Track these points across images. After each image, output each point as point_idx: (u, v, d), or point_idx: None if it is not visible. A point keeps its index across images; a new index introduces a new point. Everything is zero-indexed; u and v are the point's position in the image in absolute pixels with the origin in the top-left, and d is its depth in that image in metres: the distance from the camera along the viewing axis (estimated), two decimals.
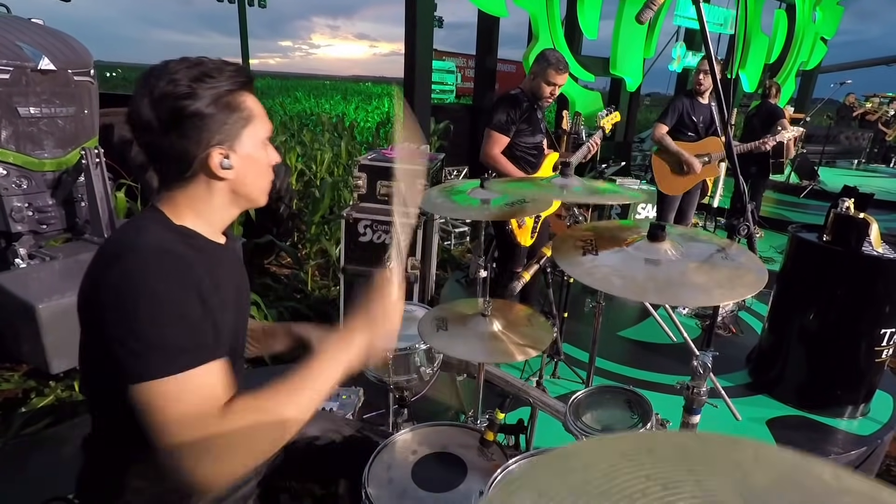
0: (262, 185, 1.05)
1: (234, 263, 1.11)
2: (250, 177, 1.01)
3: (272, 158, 1.05)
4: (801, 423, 2.52)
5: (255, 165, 1.01)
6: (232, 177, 0.97)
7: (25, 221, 2.61)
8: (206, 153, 0.93)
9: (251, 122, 0.98)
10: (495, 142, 2.74)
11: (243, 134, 0.97)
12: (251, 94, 0.99)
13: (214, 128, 0.93)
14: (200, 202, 0.99)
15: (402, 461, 1.24)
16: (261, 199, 1.06)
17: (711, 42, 1.58)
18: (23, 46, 2.50)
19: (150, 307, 0.84)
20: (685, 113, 3.64)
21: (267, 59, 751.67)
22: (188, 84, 0.90)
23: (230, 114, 0.94)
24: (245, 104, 0.97)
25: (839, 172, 10.11)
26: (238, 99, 0.95)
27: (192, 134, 0.92)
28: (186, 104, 0.90)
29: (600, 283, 1.10)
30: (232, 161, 0.96)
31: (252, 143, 0.99)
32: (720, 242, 1.25)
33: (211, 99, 0.91)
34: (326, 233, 4.73)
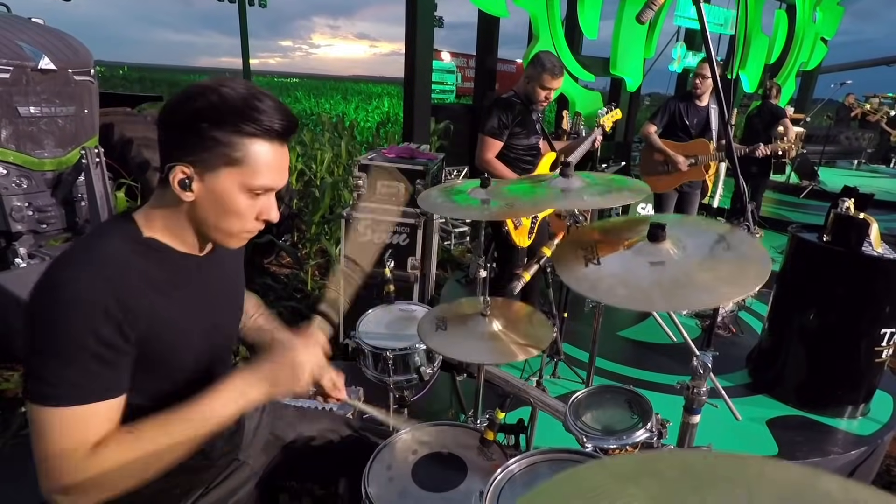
0: (226, 228, 0.97)
1: (216, 269, 1.07)
2: (211, 212, 0.94)
3: (256, 210, 0.97)
4: (801, 423, 2.52)
5: (221, 205, 0.94)
6: (189, 199, 0.93)
7: (25, 221, 2.61)
8: (174, 164, 0.90)
9: (240, 165, 0.91)
10: (489, 147, 2.75)
11: (222, 171, 0.91)
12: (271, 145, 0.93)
13: (194, 147, 0.89)
14: (168, 215, 0.97)
15: (403, 461, 1.24)
16: (224, 240, 0.99)
17: (711, 42, 1.58)
18: (23, 46, 2.50)
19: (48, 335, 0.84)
20: (677, 115, 3.68)
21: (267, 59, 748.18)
22: (206, 99, 0.88)
23: (219, 146, 0.89)
24: (246, 147, 0.91)
25: (839, 172, 10.11)
26: (240, 140, 0.90)
27: (173, 142, 0.91)
28: (187, 114, 0.89)
29: (605, 295, 1.09)
30: (194, 186, 0.92)
31: (229, 183, 0.92)
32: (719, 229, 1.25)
33: (211, 123, 0.88)
34: (326, 233, 4.73)
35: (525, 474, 1.10)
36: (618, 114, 3.13)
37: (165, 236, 0.98)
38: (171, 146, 0.91)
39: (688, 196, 3.92)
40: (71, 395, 0.84)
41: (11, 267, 2.49)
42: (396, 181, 3.00)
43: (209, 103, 0.88)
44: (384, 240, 3.01)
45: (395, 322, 1.90)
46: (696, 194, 3.95)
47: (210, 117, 0.88)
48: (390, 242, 3.01)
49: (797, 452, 2.29)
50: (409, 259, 3.05)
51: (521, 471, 1.10)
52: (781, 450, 2.30)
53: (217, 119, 0.88)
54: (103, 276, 0.87)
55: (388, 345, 1.71)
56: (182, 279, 1.00)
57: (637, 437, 1.27)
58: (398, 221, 3.00)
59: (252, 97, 0.90)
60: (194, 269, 1.02)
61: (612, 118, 3.10)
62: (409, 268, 3.06)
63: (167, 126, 0.92)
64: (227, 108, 0.89)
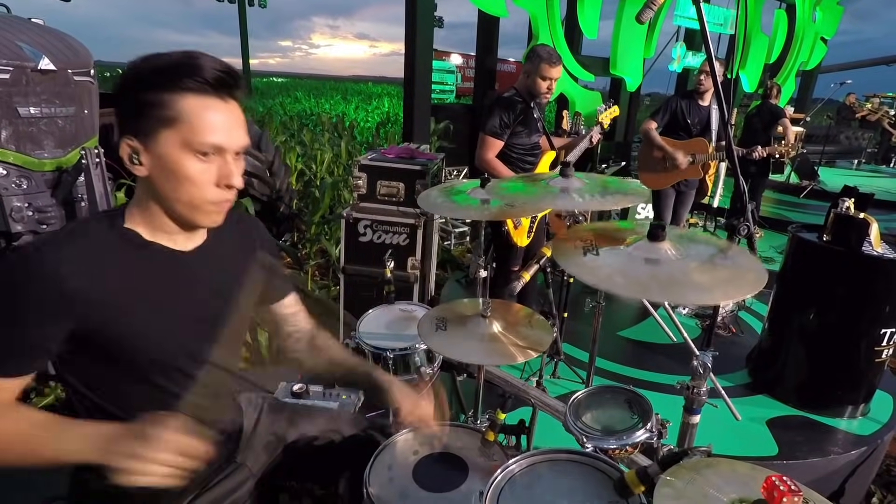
0: (187, 199, 0.93)
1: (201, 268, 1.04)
2: (166, 183, 0.92)
3: (213, 176, 0.93)
4: (801, 422, 2.52)
5: (171, 172, 0.90)
6: (143, 174, 0.92)
7: (25, 221, 2.61)
8: (119, 140, 0.90)
9: (175, 125, 0.88)
10: (489, 146, 2.74)
11: (161, 133, 0.88)
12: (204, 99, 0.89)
13: (131, 118, 0.89)
14: (141, 202, 0.97)
15: (403, 461, 1.24)
16: (187, 213, 0.95)
17: (711, 42, 1.58)
18: (23, 46, 2.50)
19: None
20: (679, 113, 3.66)
21: (267, 59, 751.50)
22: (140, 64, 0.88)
23: (149, 108, 0.87)
24: (175, 105, 0.87)
25: (839, 172, 10.10)
26: (167, 97, 0.87)
27: (117, 115, 0.92)
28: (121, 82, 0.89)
29: (604, 282, 1.09)
30: (142, 158, 0.90)
31: (170, 146, 0.89)
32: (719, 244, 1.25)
33: (140, 87, 0.87)
34: (326, 233, 4.73)
35: (525, 474, 1.10)
36: (616, 110, 3.12)
37: (144, 228, 0.97)
38: (117, 121, 0.92)
39: (683, 196, 3.92)
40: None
41: None
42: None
43: (137, 69, 0.88)
44: None
45: (395, 322, 1.90)
46: (691, 194, 3.95)
47: (138, 81, 0.88)
48: (390, 242, 3.02)
49: (797, 452, 2.29)
50: (409, 259, 3.05)
51: (520, 471, 1.10)
52: (781, 450, 2.30)
53: (145, 81, 0.87)
54: (63, 258, 0.88)
55: (388, 345, 1.71)
56: (162, 276, 0.98)
57: (637, 438, 1.27)
58: (398, 221, 2.99)
59: (184, 56, 0.88)
60: (180, 266, 1.01)
61: (610, 115, 3.10)
62: (409, 268, 3.06)
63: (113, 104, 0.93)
64: (154, 69, 0.87)
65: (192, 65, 0.88)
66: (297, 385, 2.08)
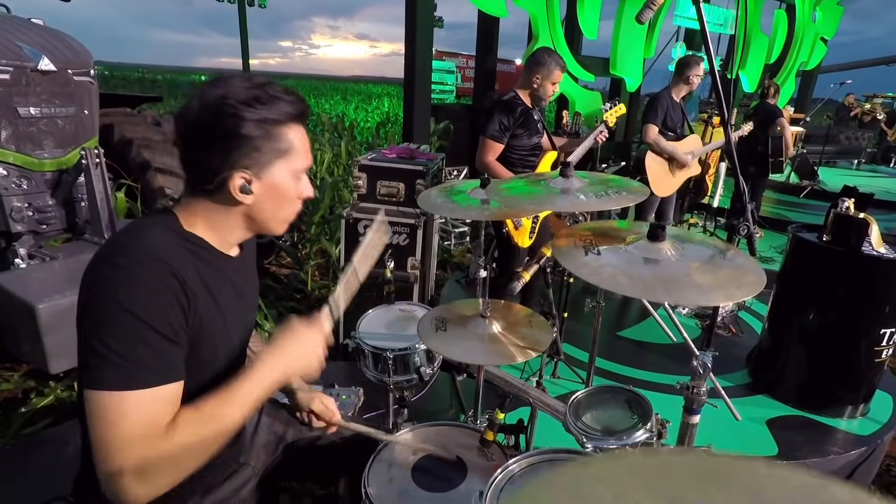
0: (282, 216, 1.03)
1: (242, 273, 1.11)
2: (270, 206, 1.00)
3: (302, 192, 1.03)
4: (801, 423, 2.52)
5: (279, 196, 1.00)
6: (250, 202, 0.97)
7: (25, 221, 2.61)
8: (230, 174, 0.93)
9: (288, 154, 0.97)
10: (489, 149, 2.74)
11: (275, 164, 0.96)
12: (300, 127, 0.99)
13: (246, 152, 0.93)
14: (215, 217, 1.00)
15: (403, 461, 1.24)
16: (278, 228, 1.05)
17: (711, 42, 1.58)
18: (23, 46, 2.50)
19: (122, 316, 0.83)
20: (668, 112, 3.63)
21: (267, 59, 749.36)
22: (237, 103, 0.91)
23: (266, 142, 0.94)
24: (287, 136, 0.96)
25: (839, 172, 10.10)
26: (281, 130, 0.95)
27: (222, 151, 0.93)
28: (226, 122, 0.90)
29: (607, 282, 1.09)
30: (254, 187, 0.96)
31: (282, 174, 0.98)
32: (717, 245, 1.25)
33: (252, 125, 0.91)
34: (326, 233, 4.73)
35: (525, 474, 1.10)
36: (622, 108, 3.07)
37: (205, 233, 1.00)
38: (219, 157, 0.93)
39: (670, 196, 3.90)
40: (147, 377, 0.84)
41: (11, 267, 2.48)
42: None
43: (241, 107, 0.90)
44: None
45: (395, 322, 1.90)
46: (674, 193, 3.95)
47: (251, 119, 0.91)
48: (390, 242, 3.01)
49: (797, 452, 2.29)
50: (409, 259, 3.05)
51: (521, 471, 1.10)
52: (781, 450, 2.30)
53: (257, 119, 0.91)
54: (165, 261, 0.89)
55: (388, 345, 1.71)
56: (221, 278, 1.02)
57: (637, 438, 1.27)
58: (398, 221, 2.99)
59: (265, 87, 0.94)
60: (230, 270, 1.05)
61: (615, 113, 3.05)
62: (409, 268, 3.06)
63: (206, 138, 0.92)
64: (259, 106, 0.92)
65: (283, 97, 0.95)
66: None
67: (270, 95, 0.93)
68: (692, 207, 5.26)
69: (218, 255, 1.02)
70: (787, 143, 5.09)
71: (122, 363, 0.82)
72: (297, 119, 0.97)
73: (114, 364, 0.82)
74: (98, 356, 0.83)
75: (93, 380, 0.82)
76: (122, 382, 0.82)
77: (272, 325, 3.13)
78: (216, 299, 0.99)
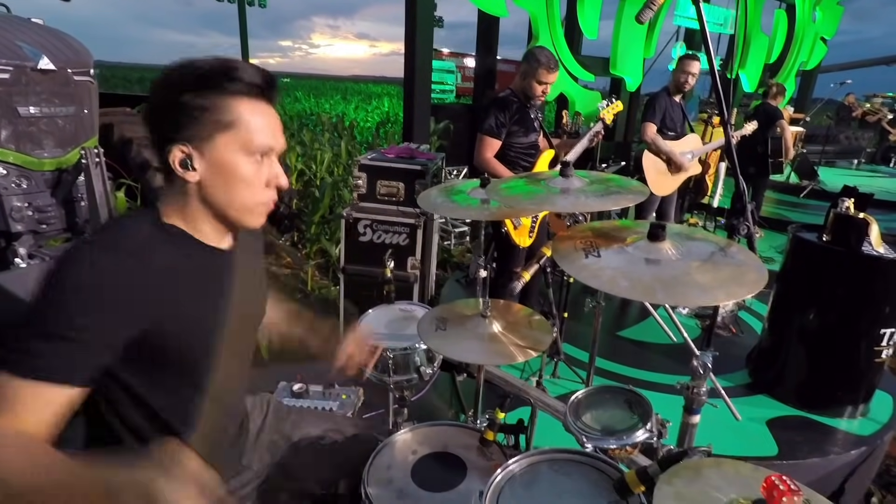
0: (242, 203, 0.95)
1: (238, 267, 1.04)
2: (221, 187, 0.92)
3: (264, 175, 0.95)
4: (800, 423, 2.52)
5: (228, 176, 0.92)
6: (195, 179, 0.91)
7: (25, 221, 2.61)
8: (169, 147, 0.89)
9: (233, 128, 0.90)
10: (487, 146, 2.75)
11: (217, 138, 0.90)
12: (258, 102, 0.92)
13: (183, 122, 0.88)
14: (180, 203, 0.95)
15: (402, 461, 1.24)
16: (244, 218, 0.97)
17: (711, 42, 1.57)
18: (23, 46, 2.50)
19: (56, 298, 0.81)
20: (667, 111, 3.62)
21: (267, 59, 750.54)
22: (183, 73, 0.88)
23: (206, 113, 0.88)
24: (234, 108, 0.89)
25: (839, 172, 10.10)
26: (225, 101, 0.89)
27: (162, 124, 0.90)
28: (168, 92, 0.89)
29: (607, 285, 1.09)
30: (197, 164, 0.90)
31: (228, 151, 0.91)
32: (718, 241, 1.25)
33: (191, 93, 0.87)
34: (326, 233, 4.73)
35: (525, 474, 1.10)
36: (619, 106, 3.08)
37: (182, 224, 0.95)
38: (161, 130, 0.90)
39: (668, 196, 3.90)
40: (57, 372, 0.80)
41: (11, 267, 2.48)
42: None
43: (187, 74, 0.88)
44: None
45: (395, 322, 1.89)
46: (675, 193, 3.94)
47: (192, 87, 0.87)
48: (390, 242, 3.02)
49: (797, 453, 2.29)
50: (409, 259, 3.05)
51: (521, 471, 1.10)
52: (781, 450, 2.30)
53: (199, 86, 0.88)
54: (122, 262, 0.85)
55: (388, 345, 1.71)
56: (204, 271, 0.97)
57: (637, 438, 1.27)
58: (398, 221, 2.99)
59: (226, 61, 0.90)
60: (219, 263, 1.00)
61: (612, 111, 3.06)
62: (409, 268, 3.06)
63: (153, 111, 0.92)
64: (206, 74, 0.88)
65: (240, 69, 0.90)
66: (296, 385, 2.08)
67: (224, 66, 0.88)
68: (692, 207, 5.26)
69: (201, 248, 0.97)
70: (787, 144, 5.09)
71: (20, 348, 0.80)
72: (252, 93, 0.91)
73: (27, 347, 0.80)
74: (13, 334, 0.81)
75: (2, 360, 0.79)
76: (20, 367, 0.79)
77: None
78: (195, 293, 0.94)
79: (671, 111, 3.63)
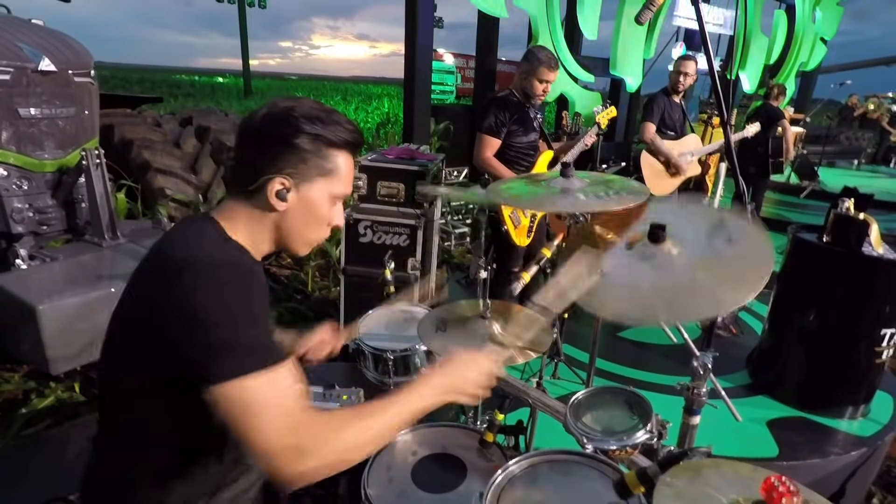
0: (308, 236, 1.06)
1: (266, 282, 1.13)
2: (300, 221, 1.03)
3: (333, 218, 1.07)
4: (801, 423, 2.52)
5: (311, 213, 1.03)
6: (282, 209, 0.99)
7: (26, 222, 2.61)
8: (272, 176, 0.96)
9: (330, 176, 1.01)
10: (487, 145, 2.75)
11: (316, 181, 1.00)
12: (350, 156, 1.04)
13: (293, 160, 0.97)
14: (251, 223, 1.02)
15: (402, 462, 1.24)
16: (301, 248, 1.08)
17: (711, 42, 1.58)
18: (23, 47, 2.50)
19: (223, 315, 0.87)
20: (666, 112, 3.63)
21: (267, 60, 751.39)
22: (300, 115, 0.96)
23: (315, 158, 0.98)
24: (335, 159, 1.01)
25: (839, 173, 10.09)
26: (331, 151, 1.00)
27: (273, 154, 0.97)
28: (284, 129, 0.96)
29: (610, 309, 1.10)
30: (290, 196, 0.99)
31: (320, 192, 1.01)
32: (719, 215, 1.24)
33: (307, 138, 0.97)
34: None
35: (525, 475, 1.10)
36: (613, 111, 3.13)
37: (244, 241, 1.02)
38: (267, 159, 0.97)
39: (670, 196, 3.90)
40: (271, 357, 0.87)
41: (12, 268, 2.48)
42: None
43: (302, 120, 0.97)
44: None
45: (395, 323, 1.90)
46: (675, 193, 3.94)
47: (308, 133, 0.97)
48: (390, 243, 3.01)
49: (797, 453, 2.29)
50: (409, 260, 3.05)
51: (521, 472, 1.10)
52: (781, 451, 2.30)
53: (313, 134, 0.97)
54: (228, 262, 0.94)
55: (388, 346, 1.71)
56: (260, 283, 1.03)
57: (637, 439, 1.27)
58: (398, 222, 2.99)
59: (330, 112, 1.01)
60: (261, 275, 1.07)
61: (607, 116, 3.10)
62: (409, 268, 3.06)
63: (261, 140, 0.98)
64: (319, 123, 0.98)
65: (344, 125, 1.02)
66: None
67: (332, 118, 1.00)
68: None
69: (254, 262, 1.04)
70: (788, 144, 5.09)
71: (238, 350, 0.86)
72: (349, 147, 1.03)
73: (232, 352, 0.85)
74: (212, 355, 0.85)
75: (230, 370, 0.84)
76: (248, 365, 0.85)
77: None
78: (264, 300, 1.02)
79: (670, 111, 3.63)
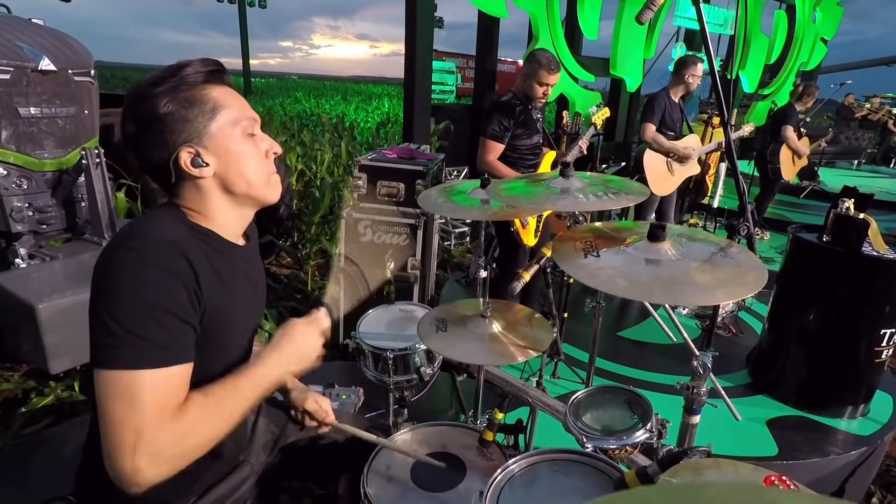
0: (254, 177, 0.99)
1: (252, 263, 1.11)
2: (233, 169, 0.97)
3: (263, 148, 1.01)
4: (801, 423, 2.52)
5: (235, 155, 0.96)
6: (211, 173, 0.95)
7: (25, 221, 2.61)
8: (175, 154, 0.92)
9: (217, 112, 0.95)
10: (490, 149, 2.76)
11: (211, 127, 0.94)
12: (218, 86, 0.97)
13: (175, 128, 0.91)
14: (201, 205, 0.98)
15: (402, 461, 1.24)
16: (262, 191, 1.01)
17: (711, 42, 1.58)
18: (23, 47, 2.50)
19: (136, 296, 0.83)
20: (666, 111, 3.63)
21: (267, 60, 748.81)
22: (146, 87, 0.91)
23: (189, 110, 0.92)
24: (208, 96, 0.94)
25: (839, 173, 10.10)
26: (198, 93, 0.93)
27: (157, 138, 0.92)
28: (143, 109, 0.91)
29: (605, 285, 1.09)
30: (206, 158, 0.94)
31: (224, 133, 0.95)
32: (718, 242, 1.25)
33: (166, 99, 0.90)
34: (326, 233, 4.73)
35: (525, 474, 1.10)
36: (606, 112, 3.14)
37: (208, 224, 0.99)
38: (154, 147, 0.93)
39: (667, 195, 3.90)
40: (161, 356, 0.83)
41: (12, 267, 2.48)
42: None
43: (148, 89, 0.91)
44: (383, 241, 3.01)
45: (395, 322, 1.90)
46: (674, 193, 3.94)
47: (168, 94, 0.91)
48: (390, 243, 3.02)
49: (797, 453, 2.29)
50: (409, 259, 3.05)
51: (521, 471, 1.10)
52: (781, 450, 2.30)
53: (172, 91, 0.91)
54: (176, 244, 0.88)
55: (388, 345, 1.71)
56: (233, 268, 1.01)
57: (637, 438, 1.27)
58: (398, 221, 3.00)
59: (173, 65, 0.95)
60: (240, 259, 1.04)
61: (601, 116, 3.11)
62: (409, 268, 3.06)
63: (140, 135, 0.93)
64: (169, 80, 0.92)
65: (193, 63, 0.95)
66: None
67: (173, 68, 0.93)
68: (692, 207, 5.26)
69: (228, 245, 1.01)
70: (785, 153, 5.06)
71: (136, 342, 0.81)
72: (210, 77, 0.96)
73: (129, 343, 0.81)
74: (112, 336, 0.81)
75: (108, 358, 0.81)
76: (138, 361, 0.81)
77: (272, 325, 3.13)
78: (228, 288, 0.98)
79: (670, 111, 3.64)
